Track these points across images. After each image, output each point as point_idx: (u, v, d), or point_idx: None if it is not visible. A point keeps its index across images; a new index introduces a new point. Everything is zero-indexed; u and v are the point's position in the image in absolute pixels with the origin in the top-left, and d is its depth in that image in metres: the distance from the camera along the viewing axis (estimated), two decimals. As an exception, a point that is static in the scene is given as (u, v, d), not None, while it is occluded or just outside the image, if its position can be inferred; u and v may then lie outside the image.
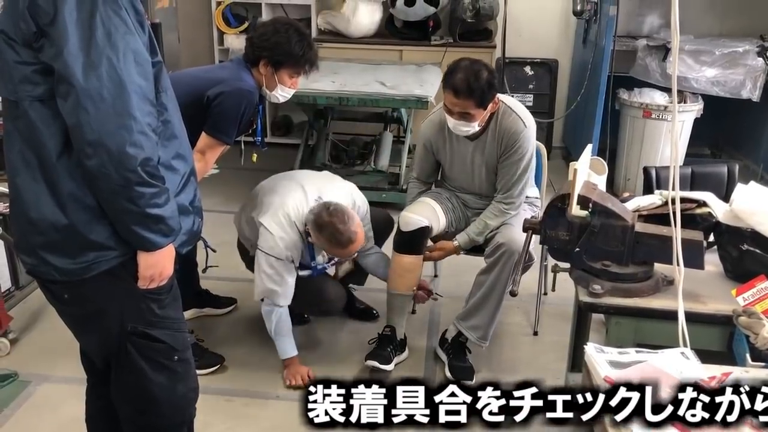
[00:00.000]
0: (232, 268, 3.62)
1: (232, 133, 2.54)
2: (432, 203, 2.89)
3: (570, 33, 5.57)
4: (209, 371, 2.78)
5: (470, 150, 2.76)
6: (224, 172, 5.17)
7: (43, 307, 3.23)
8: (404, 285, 2.83)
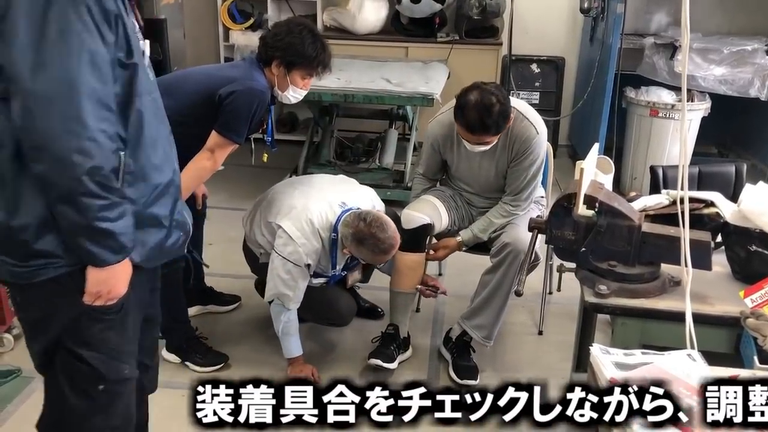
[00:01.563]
0: (238, 266, 3.63)
1: (242, 133, 2.52)
2: (434, 201, 2.88)
3: (577, 31, 5.54)
4: (213, 369, 2.77)
5: (479, 155, 2.74)
6: (228, 169, 5.14)
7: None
8: (407, 283, 2.82)
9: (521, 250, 2.56)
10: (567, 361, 2.64)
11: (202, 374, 2.74)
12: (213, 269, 3.31)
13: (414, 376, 2.78)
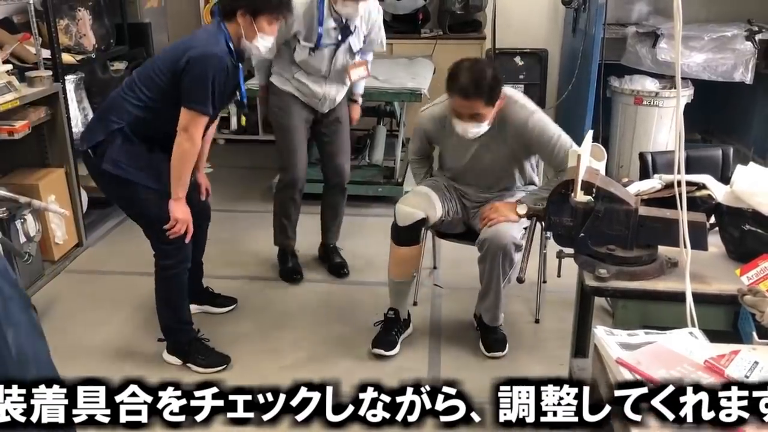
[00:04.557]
0: (234, 267, 3.64)
1: (206, 102, 2.46)
2: (428, 191, 2.88)
3: (559, 22, 5.59)
4: (215, 370, 2.77)
5: (473, 144, 2.76)
6: (219, 171, 5.17)
7: (43, 311, 3.22)
8: (403, 274, 2.88)
9: (501, 245, 2.62)
10: (564, 348, 2.67)
11: (207, 375, 2.74)
12: (209, 270, 3.32)
13: (415, 369, 2.81)
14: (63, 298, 3.35)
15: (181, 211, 2.57)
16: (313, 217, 3.72)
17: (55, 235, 3.56)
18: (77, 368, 2.75)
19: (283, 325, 3.13)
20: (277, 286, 3.50)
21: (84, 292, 3.40)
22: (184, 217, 2.58)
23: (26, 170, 3.55)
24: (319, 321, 3.16)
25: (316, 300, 3.37)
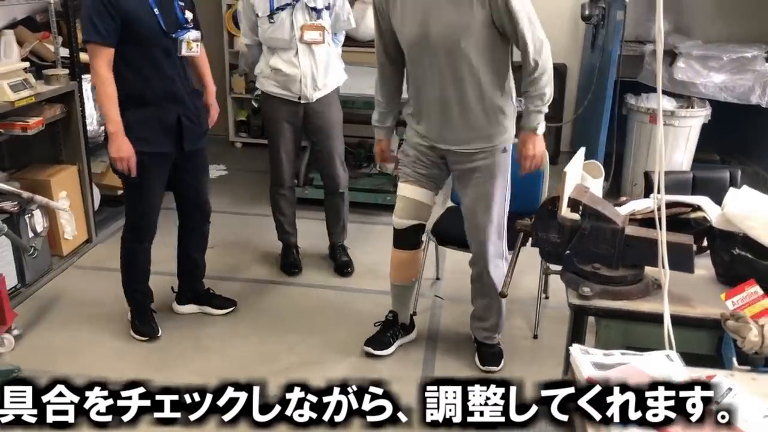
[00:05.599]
0: (237, 269, 3.68)
1: (91, 31, 2.55)
2: (412, 193, 2.69)
3: (579, 38, 5.57)
4: (141, 338, 3.02)
5: (428, 5, 2.38)
6: (233, 174, 5.24)
7: (49, 305, 3.29)
8: (402, 277, 2.88)
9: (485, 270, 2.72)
10: (560, 366, 2.65)
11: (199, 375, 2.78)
12: (212, 272, 3.37)
13: (406, 378, 2.79)
14: (69, 293, 3.41)
15: (114, 149, 2.63)
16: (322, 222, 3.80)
17: (65, 230, 3.63)
18: (78, 362, 2.84)
19: (280, 328, 3.16)
20: (277, 289, 3.53)
21: (90, 287, 3.46)
22: (117, 154, 2.63)
23: (39, 166, 3.63)
24: (316, 326, 3.18)
25: (315, 305, 3.39)
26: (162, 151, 2.74)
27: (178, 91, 2.73)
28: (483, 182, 2.61)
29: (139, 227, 2.89)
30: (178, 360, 2.91)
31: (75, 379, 2.62)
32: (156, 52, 2.65)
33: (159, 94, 2.69)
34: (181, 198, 3.04)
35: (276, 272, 3.67)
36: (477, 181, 2.62)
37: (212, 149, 5.39)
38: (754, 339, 1.61)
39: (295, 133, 3.50)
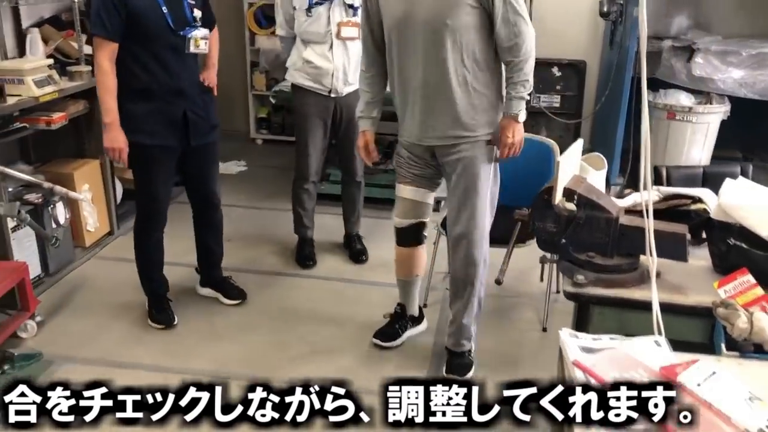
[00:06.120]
0: (252, 262, 3.76)
1: (97, 24, 2.64)
2: (410, 193, 2.70)
3: (598, 34, 5.55)
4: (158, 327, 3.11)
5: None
6: (252, 169, 5.33)
7: (70, 293, 3.40)
8: (406, 273, 2.90)
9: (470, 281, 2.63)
10: (567, 357, 2.69)
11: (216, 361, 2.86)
12: (229, 264, 3.46)
13: (415, 369, 2.84)
14: (90, 282, 3.52)
15: (108, 139, 2.76)
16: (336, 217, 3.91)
17: (87, 222, 3.75)
18: (97, 348, 2.94)
19: (293, 318, 3.23)
20: (291, 281, 3.60)
21: (111, 277, 3.57)
22: (111, 144, 2.76)
23: (63, 160, 3.75)
24: (328, 316, 3.24)
25: (328, 296, 3.45)
26: (166, 145, 2.83)
27: (185, 86, 2.81)
28: (466, 175, 2.54)
29: (148, 218, 2.98)
30: (193, 347, 2.99)
31: (94, 364, 2.76)
32: (163, 48, 2.74)
33: (165, 89, 2.77)
34: (191, 191, 3.14)
35: (291, 265, 3.74)
36: (460, 173, 2.55)
37: (232, 145, 5.54)
38: (742, 326, 1.64)
39: (324, 129, 3.56)
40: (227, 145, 5.48)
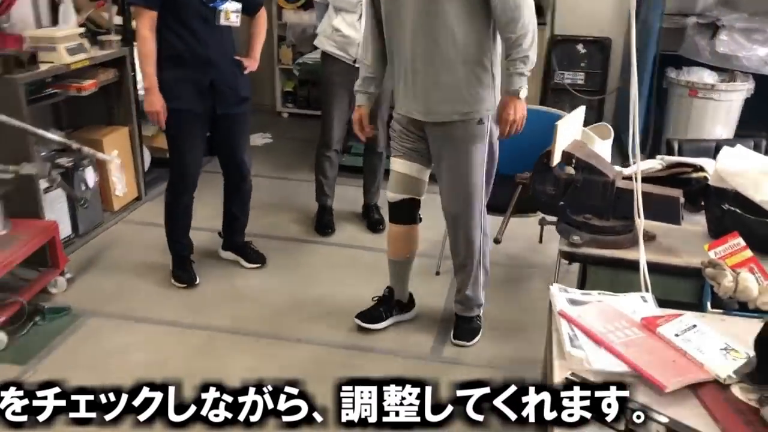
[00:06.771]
0: (272, 228, 3.88)
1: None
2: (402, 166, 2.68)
3: (624, 11, 5.52)
4: (180, 285, 3.26)
5: None
6: (278, 141, 5.44)
7: (99, 253, 3.56)
8: (398, 252, 2.87)
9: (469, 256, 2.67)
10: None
11: (236, 319, 3.00)
12: (252, 230, 3.58)
13: (423, 339, 2.92)
14: (118, 243, 3.68)
15: (147, 103, 2.94)
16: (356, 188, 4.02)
17: (116, 187, 3.90)
18: (122, 304, 3.10)
19: (310, 282, 3.35)
20: (310, 247, 3.72)
21: (137, 239, 3.72)
22: (149, 108, 2.93)
23: (93, 127, 3.90)
24: (344, 281, 3.35)
25: (345, 263, 3.56)
26: (194, 110, 2.96)
27: (214, 56, 2.93)
28: (457, 156, 2.50)
29: (178, 181, 3.12)
30: (213, 305, 3.13)
31: (119, 318, 2.91)
32: (194, 19, 2.86)
33: (195, 57, 2.90)
34: (221, 159, 3.27)
35: (310, 232, 3.86)
36: (451, 155, 2.52)
37: (259, 119, 5.66)
38: (728, 285, 1.70)
39: (349, 99, 3.57)
40: (253, 118, 5.54)
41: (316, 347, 2.85)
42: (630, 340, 1.51)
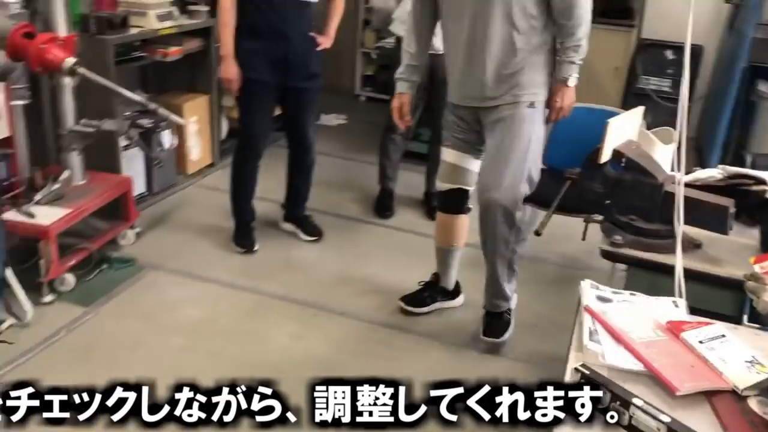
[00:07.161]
0: (334, 206, 3.97)
1: None
2: (452, 157, 2.69)
3: (720, 19, 5.31)
4: (238, 250, 3.39)
5: None
6: (352, 124, 5.54)
7: (168, 212, 3.75)
8: (443, 240, 2.91)
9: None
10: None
11: (281, 288, 3.11)
12: (311, 205, 3.68)
13: (465, 327, 2.92)
14: (187, 205, 3.87)
15: (222, 70, 3.09)
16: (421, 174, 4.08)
17: (191, 152, 4.08)
18: (183, 261, 3.26)
19: (362, 260, 3.43)
20: (367, 227, 3.80)
21: (206, 202, 3.89)
22: (224, 75, 3.08)
23: (176, 92, 4.09)
24: (396, 263, 3.40)
25: (399, 246, 3.62)
26: (265, 80, 3.08)
27: (289, 30, 3.04)
28: (502, 136, 2.49)
29: (244, 147, 3.26)
30: (267, 272, 3.25)
31: (178, 275, 3.06)
32: None
33: (271, 30, 3.02)
34: (287, 132, 3.39)
35: (370, 213, 3.93)
36: (497, 135, 2.51)
37: (336, 100, 5.77)
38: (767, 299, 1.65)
39: (419, 84, 3.67)
40: (331, 99, 5.72)
41: (360, 323, 2.92)
42: (651, 341, 1.49)
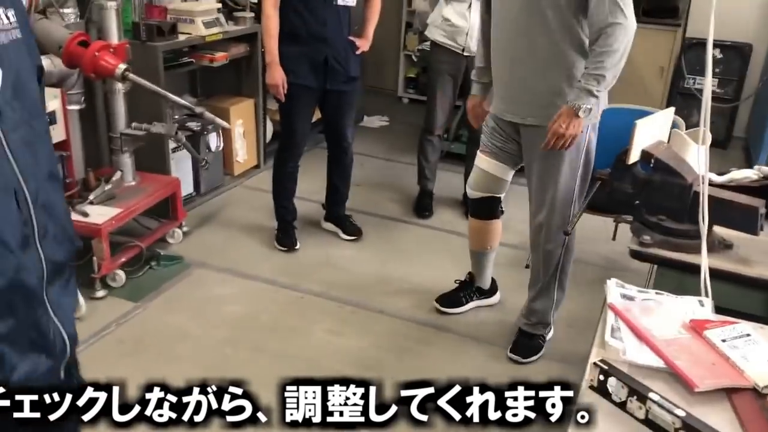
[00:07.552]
0: (374, 205, 4.05)
1: None
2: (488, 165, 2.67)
3: (770, 17, 5.22)
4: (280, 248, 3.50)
5: None
6: (393, 125, 5.62)
7: (215, 212, 3.88)
8: (476, 244, 2.94)
9: (548, 271, 2.61)
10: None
11: (321, 284, 3.20)
12: (352, 205, 3.77)
13: (501, 328, 2.95)
14: (233, 205, 3.99)
15: (268, 76, 3.17)
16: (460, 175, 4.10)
17: (238, 154, 4.21)
18: (228, 259, 3.38)
19: (401, 259, 3.49)
20: (406, 227, 3.87)
21: (251, 203, 4.01)
22: (270, 81, 3.16)
23: (223, 96, 4.22)
24: (433, 263, 3.46)
25: (437, 246, 3.67)
26: (306, 85, 3.17)
27: (329, 35, 3.12)
28: (547, 162, 2.44)
29: (285, 148, 3.37)
30: (308, 270, 3.34)
31: (223, 272, 3.18)
32: None
33: (311, 35, 3.11)
34: (326, 133, 3.50)
35: (409, 213, 4.00)
36: (541, 161, 2.45)
37: (379, 101, 5.85)
38: (795, 300, 1.65)
39: (454, 87, 3.78)
40: (374, 100, 5.81)
41: (396, 320, 2.99)
42: (673, 339, 1.51)
